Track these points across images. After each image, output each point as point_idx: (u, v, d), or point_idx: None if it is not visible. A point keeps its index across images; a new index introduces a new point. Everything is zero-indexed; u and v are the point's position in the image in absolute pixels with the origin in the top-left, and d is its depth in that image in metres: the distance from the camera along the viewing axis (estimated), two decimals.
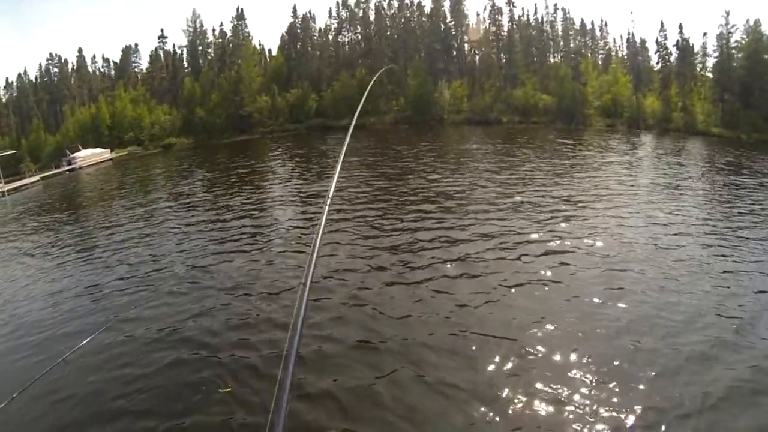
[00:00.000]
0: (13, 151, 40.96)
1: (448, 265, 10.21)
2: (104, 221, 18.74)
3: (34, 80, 58.87)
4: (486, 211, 14.56)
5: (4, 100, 59.74)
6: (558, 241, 11.50)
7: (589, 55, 51.47)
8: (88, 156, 42.75)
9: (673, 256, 10.60)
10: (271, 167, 28.86)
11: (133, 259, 13.02)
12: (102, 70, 59.46)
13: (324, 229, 2.49)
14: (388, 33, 51.50)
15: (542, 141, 32.69)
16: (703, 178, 20.96)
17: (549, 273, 9.53)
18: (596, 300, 8.34)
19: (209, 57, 54.80)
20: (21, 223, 20.90)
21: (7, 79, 67.95)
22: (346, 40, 54.06)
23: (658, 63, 49.82)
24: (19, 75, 60.47)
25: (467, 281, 9.41)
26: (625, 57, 51.95)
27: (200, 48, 54.98)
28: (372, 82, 8.83)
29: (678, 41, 47.36)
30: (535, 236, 11.95)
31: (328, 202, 2.95)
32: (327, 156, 31.16)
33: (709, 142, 35.42)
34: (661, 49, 48.97)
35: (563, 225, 12.92)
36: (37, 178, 37.28)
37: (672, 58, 48.24)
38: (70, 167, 40.42)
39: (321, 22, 78.36)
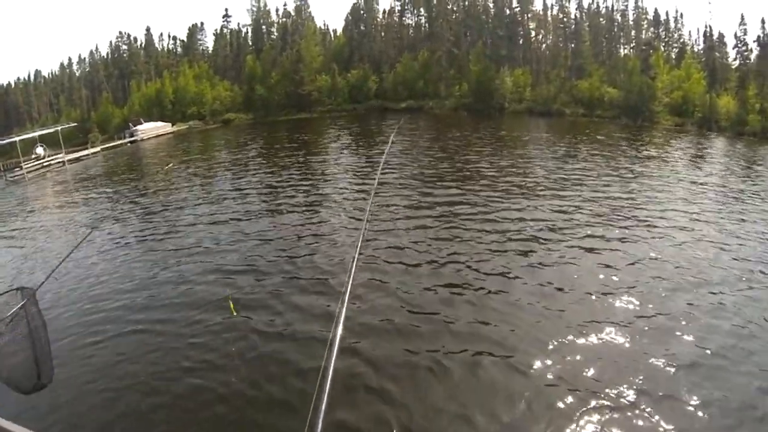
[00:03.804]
0: (75, 124, 43.30)
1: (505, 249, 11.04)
2: (155, 190, 20.53)
3: (105, 56, 62.03)
4: (540, 202, 14.97)
5: (77, 74, 63.32)
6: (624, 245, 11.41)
7: (662, 47, 48.67)
8: (149, 129, 44.48)
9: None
10: (328, 144, 29.79)
11: (175, 223, 14.74)
12: (169, 47, 61.80)
13: (374, 203, 2.58)
14: (453, 17, 50.74)
15: (608, 137, 31.17)
16: None
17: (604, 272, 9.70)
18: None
19: (272, 36, 55.81)
20: (76, 190, 23.48)
21: (80, 55, 72.32)
22: (411, 23, 53.75)
23: (735, 60, 46.59)
24: (91, 51, 64.07)
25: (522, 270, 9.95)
26: (701, 52, 48.86)
27: (263, 27, 56.07)
28: None
29: (759, 37, 44.13)
30: (590, 234, 11.93)
31: (375, 185, 3.05)
32: (383, 135, 31.42)
33: None
34: (739, 45, 45.93)
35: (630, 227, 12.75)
36: (98, 149, 39.24)
37: (752, 56, 45.20)
38: (132, 139, 42.26)
39: (385, 3, 78.73)
